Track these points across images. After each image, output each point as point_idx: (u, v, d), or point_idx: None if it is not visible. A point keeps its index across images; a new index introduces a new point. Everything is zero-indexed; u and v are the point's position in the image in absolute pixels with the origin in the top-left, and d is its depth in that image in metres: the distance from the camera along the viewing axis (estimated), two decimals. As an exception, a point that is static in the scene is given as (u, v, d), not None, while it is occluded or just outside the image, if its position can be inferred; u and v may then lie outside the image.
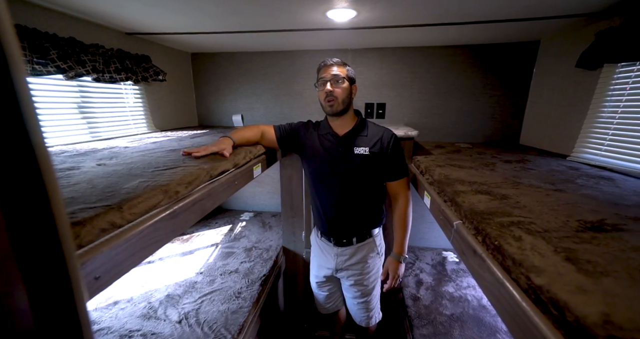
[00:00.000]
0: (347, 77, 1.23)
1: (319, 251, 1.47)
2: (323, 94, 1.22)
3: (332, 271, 1.43)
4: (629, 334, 0.35)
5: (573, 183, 1.04)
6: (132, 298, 1.42)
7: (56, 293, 0.22)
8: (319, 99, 1.27)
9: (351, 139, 1.28)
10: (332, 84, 1.20)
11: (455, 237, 0.86)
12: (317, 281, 1.54)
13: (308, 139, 1.35)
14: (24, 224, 0.20)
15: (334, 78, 1.20)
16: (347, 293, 1.51)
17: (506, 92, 2.04)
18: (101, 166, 0.91)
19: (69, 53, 1.31)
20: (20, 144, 0.21)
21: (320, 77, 1.23)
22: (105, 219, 0.54)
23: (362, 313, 1.50)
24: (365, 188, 1.31)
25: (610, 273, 0.48)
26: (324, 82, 1.21)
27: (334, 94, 1.20)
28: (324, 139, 1.31)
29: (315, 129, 1.37)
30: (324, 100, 1.23)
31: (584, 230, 0.66)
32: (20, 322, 0.17)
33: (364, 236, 1.38)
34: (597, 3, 1.20)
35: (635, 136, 1.18)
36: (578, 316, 0.40)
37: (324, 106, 1.25)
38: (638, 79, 1.19)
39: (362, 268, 1.39)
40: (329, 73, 1.21)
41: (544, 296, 0.47)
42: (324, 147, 1.30)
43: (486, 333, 1.46)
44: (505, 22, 1.44)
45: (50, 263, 0.22)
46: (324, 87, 1.22)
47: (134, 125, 1.84)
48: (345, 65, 1.25)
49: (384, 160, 1.28)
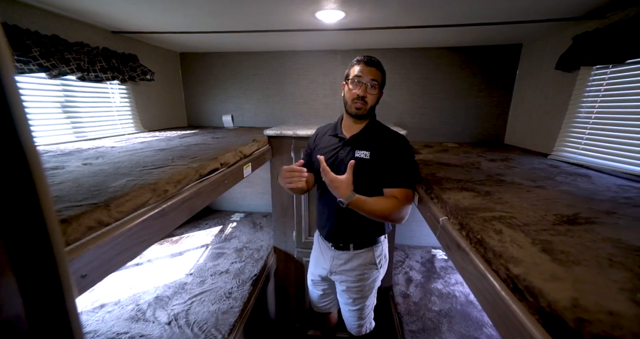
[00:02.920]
0: (382, 83, 1.15)
1: (319, 249, 1.44)
2: (353, 94, 1.12)
3: (327, 272, 1.39)
4: (594, 315, 0.38)
5: (552, 180, 1.08)
6: (119, 301, 1.40)
7: (46, 286, 0.22)
8: (344, 94, 1.17)
9: (356, 142, 1.19)
10: (367, 89, 1.11)
11: (441, 232, 0.89)
12: (312, 279, 1.51)
13: (318, 144, 1.31)
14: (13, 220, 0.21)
15: (371, 82, 1.10)
16: (340, 297, 1.47)
17: (491, 93, 2.10)
18: (87, 165, 0.90)
19: (51, 51, 1.28)
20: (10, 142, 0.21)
21: (357, 75, 1.11)
22: (92, 217, 0.54)
23: (354, 321, 1.45)
24: (365, 193, 1.11)
25: (581, 262, 0.51)
26: (359, 84, 1.11)
27: (365, 100, 1.11)
28: (332, 141, 1.26)
29: (327, 131, 1.31)
30: (352, 101, 1.13)
31: (560, 223, 0.69)
32: (8, 310, 0.18)
33: (363, 243, 1.29)
34: (574, 9, 1.25)
35: (609, 135, 1.24)
36: (550, 301, 0.42)
37: (349, 106, 1.16)
38: (611, 81, 1.25)
39: (356, 276, 1.32)
40: (368, 76, 1.10)
41: (520, 284, 0.50)
42: (329, 149, 1.25)
43: (473, 327, 1.50)
44: (489, 25, 1.50)
45: (39, 257, 0.22)
46: (356, 88, 1.11)
47: (120, 125, 1.81)
48: (382, 68, 1.16)
49: (386, 165, 1.14)
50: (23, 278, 0.19)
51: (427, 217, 1.06)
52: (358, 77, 1.11)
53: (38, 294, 0.20)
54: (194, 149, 1.27)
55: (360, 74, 1.10)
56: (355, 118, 1.19)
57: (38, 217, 0.22)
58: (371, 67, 1.11)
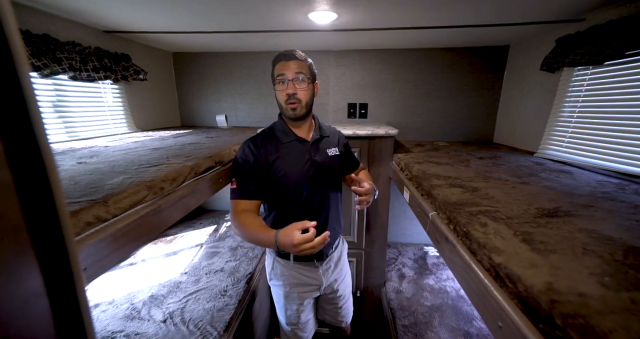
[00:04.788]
0: (311, 75, 1.06)
1: (295, 279, 1.23)
2: (284, 95, 1.04)
3: (321, 289, 1.27)
4: (565, 297, 0.41)
5: (537, 177, 1.13)
6: (113, 300, 1.39)
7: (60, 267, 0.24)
8: (278, 100, 1.08)
9: (320, 142, 1.16)
10: (294, 84, 1.02)
11: (431, 227, 0.92)
12: (299, 311, 1.28)
13: (276, 156, 1.08)
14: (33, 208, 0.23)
15: (295, 77, 1.02)
16: (327, 305, 1.38)
17: (481, 93, 2.15)
18: (82, 164, 0.91)
19: (43, 50, 1.27)
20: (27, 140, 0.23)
21: (279, 74, 1.03)
22: (90, 213, 0.55)
23: (344, 314, 1.41)
24: (339, 188, 1.24)
25: (558, 251, 0.55)
26: (283, 81, 1.03)
27: (297, 97, 1.04)
28: (291, 148, 1.10)
29: (271, 141, 1.11)
30: (285, 103, 1.05)
31: (541, 216, 0.73)
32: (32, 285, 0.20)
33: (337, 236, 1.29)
34: (557, 12, 1.30)
35: (590, 134, 1.30)
36: (527, 286, 0.45)
37: (285, 109, 1.07)
38: (591, 82, 1.31)
39: (341, 268, 1.32)
40: (290, 70, 1.01)
41: (501, 272, 0.53)
42: (300, 156, 1.10)
43: (463, 321, 1.54)
44: (477, 27, 1.54)
45: (54, 242, 0.24)
46: (283, 87, 1.03)
47: (113, 125, 1.80)
48: (307, 59, 1.06)
49: (346, 156, 1.29)
50: (42, 260, 0.21)
51: (417, 212, 1.10)
52: (280, 76, 1.03)
53: (54, 275, 0.22)
54: (188, 148, 1.28)
55: (281, 72, 1.02)
56: (295, 120, 1.10)
57: (51, 208, 0.24)
58: (290, 61, 1.02)
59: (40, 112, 0.24)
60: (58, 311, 0.22)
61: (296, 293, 1.25)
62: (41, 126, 0.23)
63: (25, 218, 0.20)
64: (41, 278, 0.20)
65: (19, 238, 0.20)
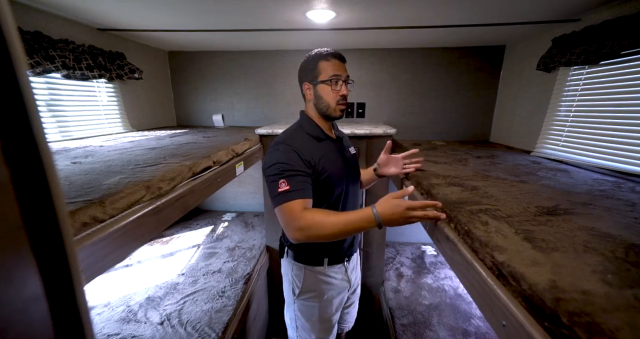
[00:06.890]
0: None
1: (331, 285, 1.14)
2: (337, 96, 0.99)
3: (351, 290, 1.24)
4: (569, 295, 0.41)
5: (534, 175, 1.14)
6: (109, 303, 1.37)
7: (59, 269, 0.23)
8: (326, 99, 1.00)
9: (342, 141, 1.15)
10: (347, 86, 1.01)
11: (431, 226, 0.92)
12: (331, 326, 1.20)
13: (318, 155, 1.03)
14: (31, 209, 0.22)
15: (347, 79, 1.01)
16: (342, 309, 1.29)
17: (478, 93, 2.17)
18: (76, 164, 0.89)
19: (35, 48, 1.25)
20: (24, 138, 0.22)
21: (336, 74, 0.98)
22: (87, 213, 0.54)
23: (349, 319, 1.37)
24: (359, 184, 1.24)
25: (559, 248, 0.55)
26: (339, 82, 0.98)
27: (346, 98, 1.02)
28: (327, 147, 1.07)
29: (309, 141, 1.05)
30: (337, 103, 1.00)
31: (541, 214, 0.74)
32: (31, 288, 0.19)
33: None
34: (554, 12, 1.32)
35: (586, 133, 1.31)
36: (531, 284, 0.45)
37: (333, 110, 1.02)
38: (587, 81, 1.32)
39: (357, 264, 1.28)
40: (345, 71, 1.00)
41: (504, 270, 0.53)
42: (334, 154, 1.08)
43: (461, 320, 1.55)
44: (473, 27, 1.55)
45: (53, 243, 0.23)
46: (339, 87, 0.99)
47: (108, 124, 1.77)
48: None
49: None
50: (41, 261, 0.20)
51: (417, 212, 1.10)
52: (336, 77, 0.98)
53: (53, 276, 0.21)
54: (185, 147, 1.26)
55: (337, 73, 0.98)
56: (329, 120, 1.09)
57: (50, 208, 0.23)
58: (343, 62, 1.02)
59: (38, 111, 0.23)
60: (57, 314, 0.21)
61: (334, 301, 1.15)
62: (39, 124, 0.22)
63: (23, 218, 0.19)
64: (40, 279, 0.19)
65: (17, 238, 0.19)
